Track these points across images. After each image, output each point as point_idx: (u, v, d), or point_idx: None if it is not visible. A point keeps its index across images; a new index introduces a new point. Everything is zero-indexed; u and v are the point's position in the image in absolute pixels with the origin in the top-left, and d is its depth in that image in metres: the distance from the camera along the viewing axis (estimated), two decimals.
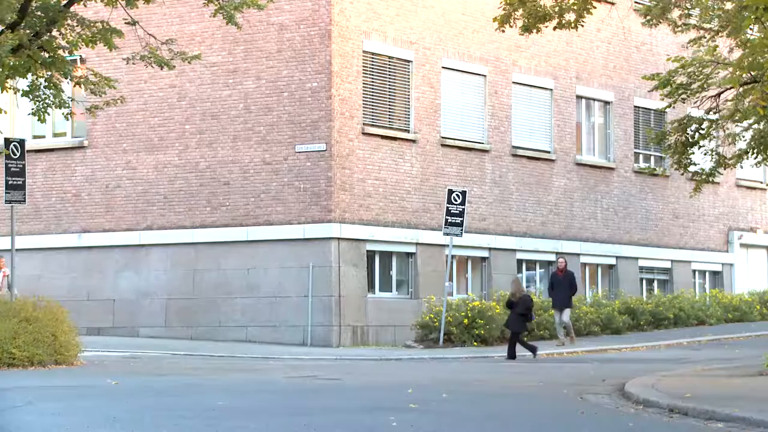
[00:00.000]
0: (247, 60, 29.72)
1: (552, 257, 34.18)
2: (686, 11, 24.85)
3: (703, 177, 26.36)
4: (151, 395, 14.88)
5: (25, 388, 15.47)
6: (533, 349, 25.04)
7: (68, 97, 23.06)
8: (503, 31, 19.82)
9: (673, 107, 25.66)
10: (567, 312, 28.57)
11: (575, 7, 19.81)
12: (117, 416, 12.16)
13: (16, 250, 23.42)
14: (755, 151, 24.83)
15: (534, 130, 33.98)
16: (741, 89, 22.32)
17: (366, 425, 11.79)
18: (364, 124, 29.49)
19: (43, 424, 11.60)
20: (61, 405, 13.38)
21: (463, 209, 28.31)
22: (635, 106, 36.84)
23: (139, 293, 30.78)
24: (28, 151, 24.04)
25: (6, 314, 19.81)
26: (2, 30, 20.63)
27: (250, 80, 29.64)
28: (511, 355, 24.81)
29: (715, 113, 25.04)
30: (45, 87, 21.96)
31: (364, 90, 29.61)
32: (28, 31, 20.76)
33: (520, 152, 33.36)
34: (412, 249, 30.46)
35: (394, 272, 30.48)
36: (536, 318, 27.64)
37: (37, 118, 22.22)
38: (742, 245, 40.14)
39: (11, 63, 20.58)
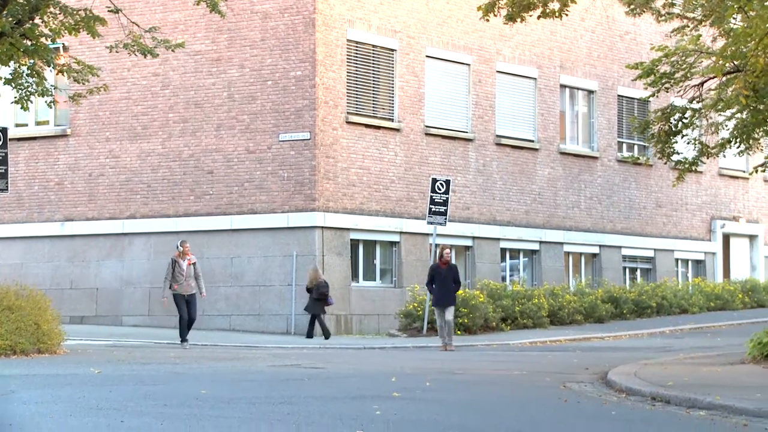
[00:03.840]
0: (231, 48, 29.67)
1: (536, 246, 34.25)
2: (669, 0, 24.87)
3: (686, 166, 26.32)
4: (135, 384, 14.87)
5: (8, 377, 15.46)
6: (327, 333, 27.06)
7: (51, 85, 23.04)
8: (487, 20, 19.78)
9: (657, 96, 25.62)
10: (451, 310, 25.03)
11: None
12: (100, 405, 12.16)
13: None
14: (738, 140, 24.81)
15: (518, 119, 34.03)
16: (724, 78, 22.31)
17: (350, 414, 11.81)
18: (348, 113, 29.48)
19: (25, 412, 11.59)
20: (44, 393, 13.37)
21: (447, 198, 28.33)
22: (619, 95, 36.92)
23: (122, 282, 30.74)
24: (10, 139, 23.98)
25: None
26: None
27: (234, 69, 29.60)
28: (310, 335, 27.27)
29: (698, 102, 25.02)
30: (27, 75, 21.93)
31: (348, 79, 29.59)
32: (10, 19, 20.68)
33: (504, 141, 33.40)
34: (395, 238, 30.48)
35: (377, 261, 30.51)
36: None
37: (19, 106, 22.18)
38: (725, 234, 40.29)
39: None
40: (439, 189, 28.23)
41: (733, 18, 22.78)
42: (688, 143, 26.23)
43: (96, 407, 11.97)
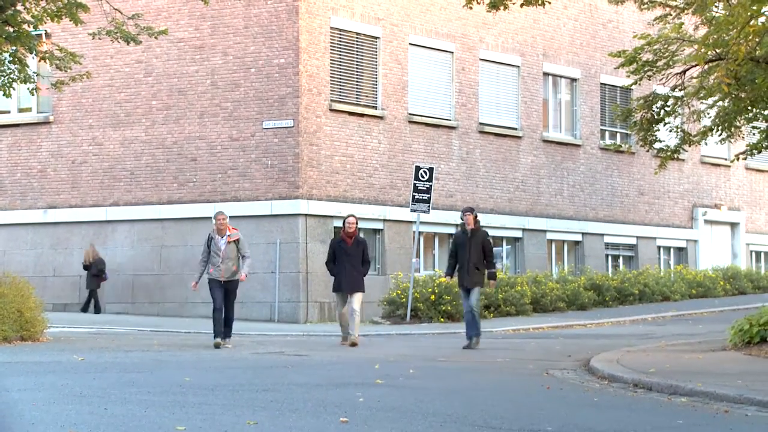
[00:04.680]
0: (214, 36, 29.65)
1: (519, 234, 34.33)
2: None
3: (668, 154, 26.45)
4: (118, 371, 14.90)
5: None
6: (99, 309, 29.59)
7: (33, 72, 23.01)
8: (471, 7, 19.79)
9: (639, 84, 25.73)
10: (358, 297, 20.65)
11: None
12: (83, 392, 12.19)
13: None
14: (719, 128, 24.93)
15: (501, 107, 34.08)
16: (706, 66, 22.40)
17: (333, 401, 11.87)
18: (331, 100, 29.49)
19: (8, 400, 11.61)
20: (27, 381, 13.38)
21: (430, 186, 28.37)
22: (601, 83, 36.99)
23: (105, 269, 30.69)
24: None
25: None
26: None
27: (217, 56, 29.57)
28: (84, 309, 29.52)
29: (680, 90, 25.13)
30: (10, 62, 21.91)
31: (331, 66, 29.60)
32: None
33: (487, 129, 33.45)
34: (379, 225, 30.52)
35: None
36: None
37: (2, 93, 22.13)
38: (707, 221, 40.47)
39: None
40: (423, 177, 28.27)
41: (715, 6, 22.88)
42: (671, 131, 26.34)
43: (79, 395, 12.00)
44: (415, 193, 28.34)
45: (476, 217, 20.25)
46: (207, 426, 10.01)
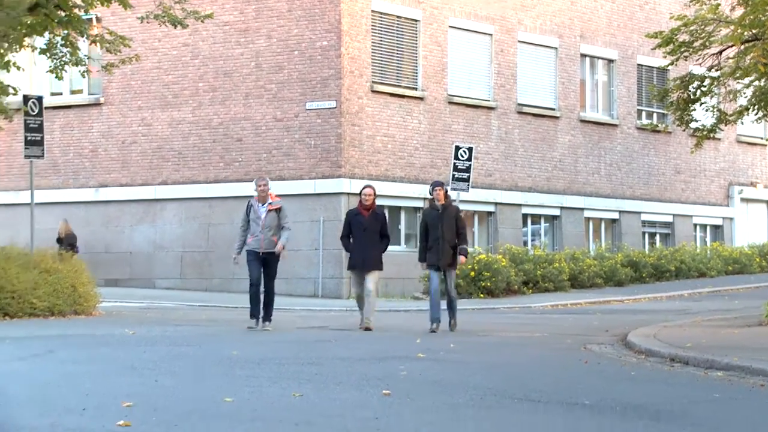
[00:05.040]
0: (259, 19, 30.14)
1: (557, 212, 34.65)
2: None
3: (705, 133, 26.66)
4: (168, 345, 15.08)
5: (46, 338, 15.76)
6: None
7: (84, 55, 23.45)
8: None
9: (676, 65, 25.96)
10: (374, 277, 18.35)
11: None
12: (135, 365, 12.41)
13: (36, 204, 23.96)
14: (756, 107, 25.08)
15: (539, 88, 34.37)
16: (742, 47, 22.59)
17: (376, 374, 11.99)
18: (373, 82, 29.92)
19: (63, 371, 11.89)
20: (81, 353, 13.63)
21: (470, 165, 28.60)
22: (638, 64, 37.15)
23: (154, 246, 31.36)
24: (45, 107, 24.27)
25: (27, 266, 20.18)
26: None
27: (262, 39, 30.06)
28: None
29: (716, 70, 25.30)
30: (62, 45, 22.32)
31: (372, 48, 30.01)
32: None
33: (526, 109, 33.77)
34: (419, 204, 30.93)
35: (402, 226, 30.97)
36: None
37: (54, 75, 22.64)
38: (743, 200, 40.59)
39: (29, 21, 20.82)
40: (462, 156, 28.52)
41: None
42: (707, 111, 26.52)
43: (131, 367, 12.20)
44: (454, 172, 28.60)
45: (446, 192, 18.31)
46: (254, 398, 10.09)
